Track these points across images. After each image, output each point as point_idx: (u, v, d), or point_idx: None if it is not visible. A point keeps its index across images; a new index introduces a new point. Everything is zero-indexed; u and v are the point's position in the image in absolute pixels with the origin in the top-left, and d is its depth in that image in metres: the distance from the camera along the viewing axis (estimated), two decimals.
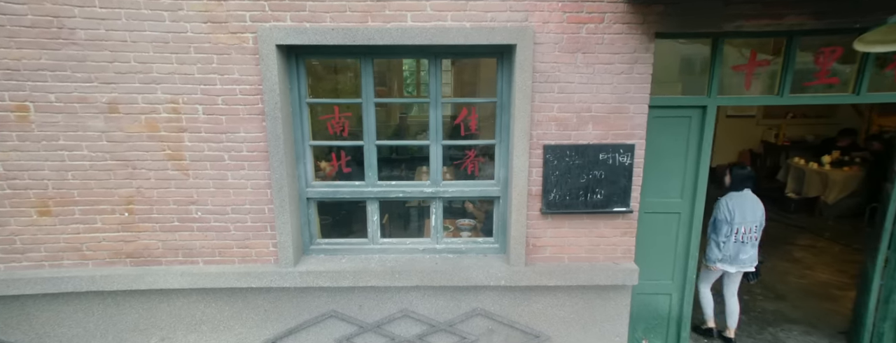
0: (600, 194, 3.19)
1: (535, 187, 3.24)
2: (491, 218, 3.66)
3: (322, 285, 3.31)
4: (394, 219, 4.94)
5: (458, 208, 4.50)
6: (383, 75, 7.90)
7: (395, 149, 5.81)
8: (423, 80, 7.87)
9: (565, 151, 3.13)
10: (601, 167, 3.15)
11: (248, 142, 3.12)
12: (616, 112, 3.08)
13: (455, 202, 4.86)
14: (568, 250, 3.34)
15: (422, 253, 3.52)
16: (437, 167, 3.38)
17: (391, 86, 7.91)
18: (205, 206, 3.21)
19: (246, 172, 3.17)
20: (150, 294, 3.31)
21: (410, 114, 6.86)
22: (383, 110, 7.32)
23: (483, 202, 4.42)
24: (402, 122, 6.79)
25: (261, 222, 3.28)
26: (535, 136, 3.14)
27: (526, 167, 3.14)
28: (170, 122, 3.04)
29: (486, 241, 3.57)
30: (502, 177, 3.38)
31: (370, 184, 3.41)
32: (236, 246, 3.31)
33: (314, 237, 3.52)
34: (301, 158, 3.32)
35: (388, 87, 7.89)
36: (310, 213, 3.46)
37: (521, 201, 3.20)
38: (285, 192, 3.18)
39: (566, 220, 3.29)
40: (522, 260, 3.30)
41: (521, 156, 3.12)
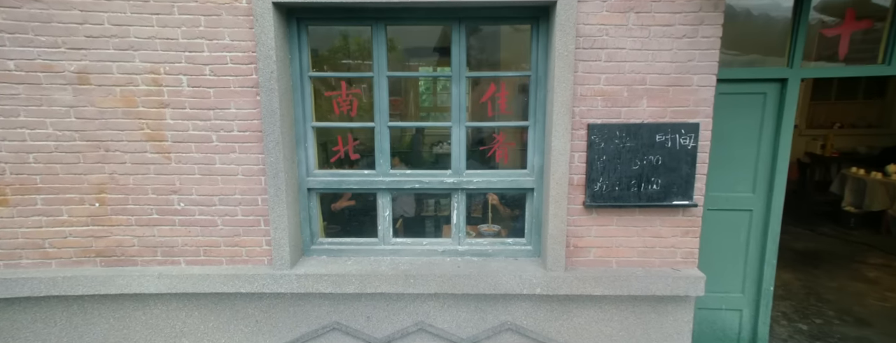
0: (657, 184, 2.62)
1: (578, 176, 2.68)
2: (521, 220, 3.10)
3: (323, 291, 2.76)
4: (407, 219, 4.41)
5: (477, 217, 3.94)
6: (397, 85, 7.48)
7: (408, 148, 5.32)
8: (442, 85, 7.42)
9: (614, 132, 2.59)
10: (658, 151, 2.59)
11: (240, 119, 2.63)
12: (676, 84, 2.53)
13: (476, 204, 4.33)
14: (616, 252, 2.76)
15: (441, 255, 2.97)
16: (459, 153, 2.86)
17: (407, 96, 7.47)
18: (188, 196, 2.72)
19: (237, 156, 2.68)
20: (123, 300, 2.79)
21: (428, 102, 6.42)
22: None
23: (507, 206, 3.87)
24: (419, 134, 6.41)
25: (253, 216, 2.76)
26: (577, 113, 2.60)
27: (566, 151, 2.60)
28: (149, 95, 2.58)
29: (516, 242, 3.00)
30: (537, 165, 2.83)
31: (382, 173, 2.89)
32: (224, 243, 2.79)
33: (316, 235, 3.00)
34: (302, 142, 2.82)
35: (403, 96, 7.45)
36: (311, 207, 2.94)
37: (560, 192, 2.65)
38: (281, 180, 2.67)
39: (614, 216, 2.71)
40: (561, 263, 2.73)
41: (561, 137, 2.58)
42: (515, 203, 3.62)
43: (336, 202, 5.22)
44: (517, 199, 3.51)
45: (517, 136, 3.08)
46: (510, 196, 3.73)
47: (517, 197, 3.51)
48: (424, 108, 7.62)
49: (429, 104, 7.67)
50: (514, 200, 3.65)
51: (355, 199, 4.80)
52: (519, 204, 3.44)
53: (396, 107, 7.28)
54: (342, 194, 5.26)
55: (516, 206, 3.60)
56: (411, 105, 7.44)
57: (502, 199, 3.77)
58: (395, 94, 7.37)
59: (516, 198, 3.60)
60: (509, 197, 3.74)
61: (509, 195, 3.83)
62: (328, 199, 4.80)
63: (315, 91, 2.88)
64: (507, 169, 2.94)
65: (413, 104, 7.48)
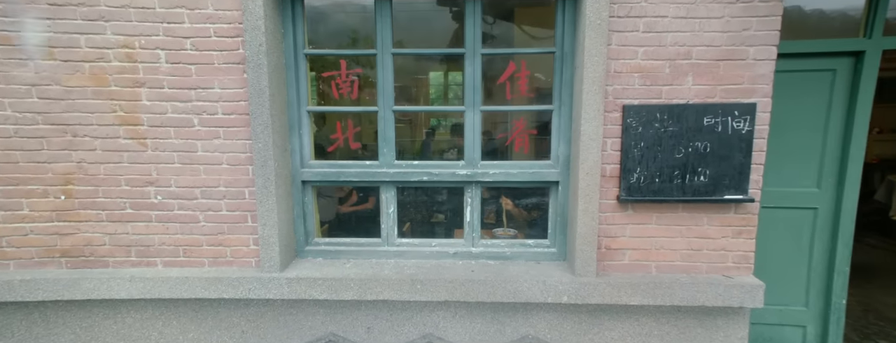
0: (704, 175, 2.22)
1: (611, 166, 2.29)
2: (539, 223, 2.71)
3: (318, 297, 2.38)
4: (414, 217, 4.03)
5: (490, 223, 3.54)
6: (407, 91, 7.15)
7: (417, 155, 4.96)
8: (452, 81, 7.06)
9: (654, 114, 2.20)
10: (706, 136, 2.19)
11: (225, 101, 2.29)
12: (728, 58, 2.15)
13: (488, 210, 3.91)
14: (656, 256, 2.35)
15: (452, 258, 2.58)
16: (473, 141, 2.48)
17: (417, 98, 7.13)
18: (166, 188, 2.37)
19: (221, 142, 2.33)
20: (92, 307, 2.43)
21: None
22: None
23: (524, 208, 3.47)
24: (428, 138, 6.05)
25: (239, 211, 2.40)
26: (611, 93, 2.23)
27: (598, 136, 2.21)
28: (122, 72, 2.25)
29: (538, 244, 2.60)
30: (562, 154, 2.45)
31: (385, 163, 2.52)
32: (207, 242, 2.43)
33: (311, 235, 2.63)
34: (296, 128, 2.47)
35: (414, 99, 7.12)
36: (306, 202, 2.57)
37: (590, 185, 2.26)
38: (271, 170, 2.31)
39: (653, 213, 2.31)
40: (592, 268, 2.33)
41: (592, 120, 2.20)
42: (535, 206, 3.23)
43: (344, 204, 4.84)
44: (536, 202, 3.12)
45: (540, 122, 2.71)
46: (528, 200, 3.35)
47: (536, 198, 3.12)
48: (434, 113, 7.27)
49: (440, 104, 7.33)
50: (534, 205, 3.26)
51: (367, 199, 4.42)
52: (538, 206, 3.06)
53: (405, 112, 6.95)
54: (350, 195, 4.90)
55: (535, 208, 3.22)
56: (422, 114, 7.10)
57: (519, 201, 3.38)
58: (403, 96, 7.07)
59: (535, 200, 3.22)
60: (527, 200, 3.37)
61: (527, 198, 3.45)
62: (333, 197, 4.45)
63: (313, 75, 2.54)
64: (527, 160, 2.56)
65: (423, 114, 7.14)
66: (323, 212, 4.02)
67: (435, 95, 7.40)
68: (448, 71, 6.94)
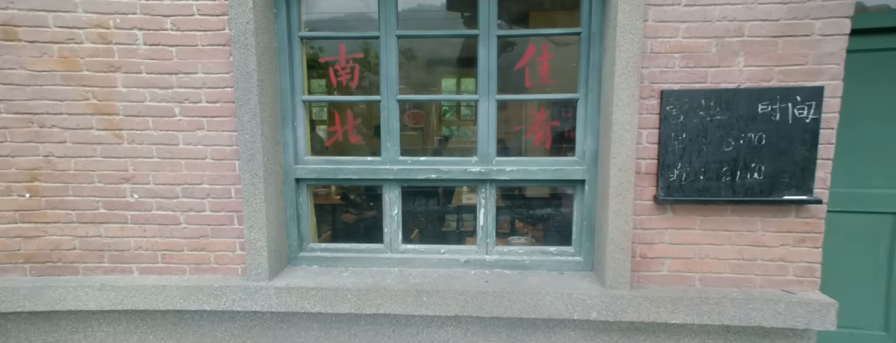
0: (758, 172, 1.87)
1: (647, 161, 1.96)
2: (561, 227, 2.37)
3: (311, 310, 2.06)
4: (422, 224, 3.70)
5: (504, 232, 3.19)
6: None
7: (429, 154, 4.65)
8: (465, 89, 6.77)
9: (698, 101, 1.86)
10: (760, 126, 1.84)
11: (209, 87, 2.01)
12: (788, 34, 1.81)
13: (502, 220, 3.55)
14: (700, 266, 1.99)
15: (463, 266, 2.25)
16: (488, 135, 2.16)
17: (428, 111, 6.85)
18: (144, 186, 2.08)
19: (205, 134, 2.04)
20: (58, 319, 2.14)
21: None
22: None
23: (531, 222, 3.12)
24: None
25: (224, 211, 2.11)
26: (647, 76, 1.90)
27: (632, 127, 1.88)
28: (95, 55, 1.98)
29: (561, 252, 2.26)
30: (589, 149, 2.11)
31: (389, 159, 2.21)
32: (188, 246, 2.14)
33: (306, 239, 2.32)
34: (289, 119, 2.18)
35: (425, 111, 6.83)
36: (300, 202, 2.27)
37: (623, 183, 1.92)
38: (259, 165, 2.02)
39: (697, 216, 1.96)
40: (625, 279, 1.98)
41: (625, 108, 1.87)
42: (551, 219, 2.88)
43: (349, 213, 4.54)
44: (558, 203, 2.78)
45: (563, 113, 2.39)
46: (544, 210, 3.00)
47: (558, 199, 2.78)
48: (448, 120, 6.96)
49: (452, 115, 7.02)
50: (551, 217, 2.90)
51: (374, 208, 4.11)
52: (557, 218, 2.71)
53: (417, 120, 6.67)
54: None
55: (556, 210, 2.88)
56: (433, 120, 6.80)
57: (534, 210, 3.04)
58: (415, 106, 6.79)
59: (557, 201, 2.88)
60: (542, 209, 3.02)
61: (542, 206, 3.11)
62: (332, 203, 4.15)
63: (310, 63, 2.25)
64: (548, 156, 2.23)
65: (436, 118, 6.84)
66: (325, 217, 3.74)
67: (447, 107, 7.12)
68: (460, 78, 6.67)
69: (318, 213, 4.42)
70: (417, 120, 6.80)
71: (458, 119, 7.02)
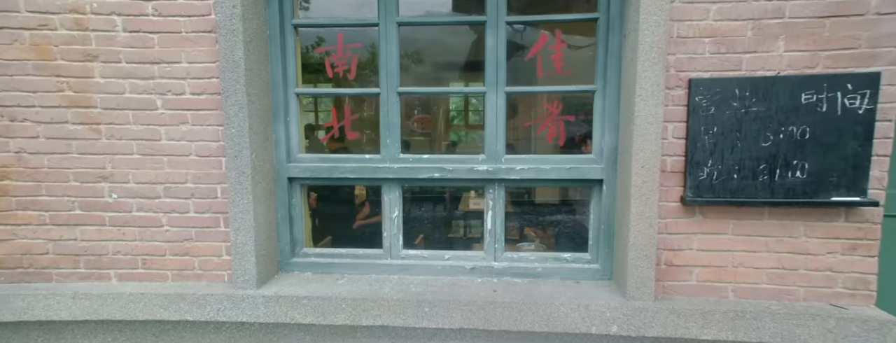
0: (801, 170, 1.64)
1: (673, 157, 1.73)
2: (579, 229, 2.15)
3: (302, 321, 1.85)
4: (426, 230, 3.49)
5: (513, 239, 2.95)
6: (425, 102, 6.69)
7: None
8: (474, 108, 6.56)
9: (731, 90, 1.64)
10: (804, 118, 1.62)
11: (194, 77, 1.82)
12: (838, 13, 1.59)
13: (512, 227, 3.32)
14: (733, 275, 1.76)
15: (469, 274, 2.03)
16: (496, 130, 1.95)
17: (436, 114, 6.64)
18: (123, 185, 1.89)
19: (189, 129, 1.85)
20: (29, 330, 1.94)
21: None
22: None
23: (542, 228, 2.88)
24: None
25: (210, 212, 1.91)
26: (673, 64, 1.68)
27: (657, 120, 1.66)
28: (70, 43, 1.80)
29: (576, 258, 2.03)
30: (607, 146, 1.90)
31: (389, 157, 2.00)
32: (170, 251, 1.94)
33: (299, 243, 2.11)
34: (281, 114, 1.98)
35: (433, 116, 6.63)
36: (293, 204, 2.07)
37: (646, 182, 1.70)
38: (246, 162, 1.82)
39: (730, 219, 1.73)
40: (648, 289, 1.75)
41: (649, 99, 1.66)
42: (565, 222, 2.65)
43: (358, 214, 4.31)
44: (573, 204, 2.56)
45: (579, 107, 2.18)
46: (557, 212, 2.77)
47: (569, 202, 2.56)
48: (456, 125, 6.76)
49: (459, 121, 6.81)
50: (565, 220, 2.67)
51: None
52: (571, 222, 2.49)
53: (424, 125, 6.47)
54: (363, 206, 4.37)
55: (564, 223, 2.64)
56: (440, 126, 6.60)
57: (546, 213, 2.81)
58: (423, 111, 6.59)
59: (568, 209, 2.65)
60: (555, 212, 2.79)
61: (554, 208, 2.88)
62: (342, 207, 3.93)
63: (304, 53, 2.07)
64: (562, 154, 2.01)
65: (443, 122, 6.64)
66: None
67: (455, 112, 6.91)
68: (468, 82, 6.49)
69: (320, 216, 4.24)
70: (425, 125, 6.59)
71: (465, 125, 6.82)
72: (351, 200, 3.68)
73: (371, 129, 3.65)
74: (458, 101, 6.93)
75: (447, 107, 7.05)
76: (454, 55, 4.77)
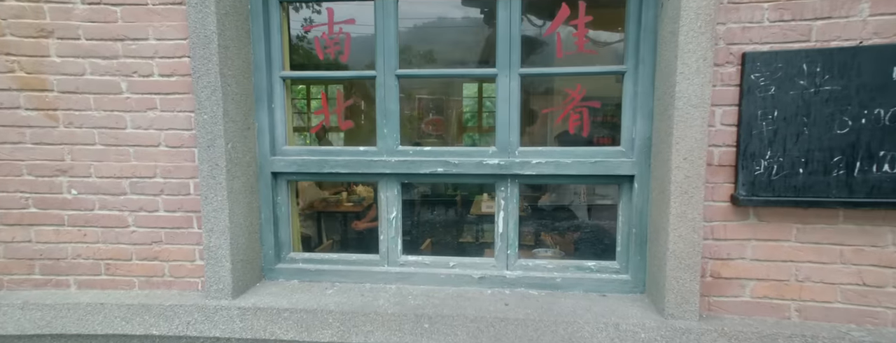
0: (891, 164, 1.29)
1: (722, 148, 1.40)
2: (603, 234, 1.81)
3: (283, 337, 1.55)
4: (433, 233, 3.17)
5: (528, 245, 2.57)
6: (439, 103, 6.38)
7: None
8: (488, 93, 6.23)
9: (797, 65, 1.30)
10: (895, 99, 1.27)
11: (163, 56, 1.54)
12: None
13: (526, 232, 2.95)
14: (799, 291, 1.41)
15: (477, 284, 1.71)
16: (509, 119, 1.63)
17: (449, 115, 6.34)
18: (84, 179, 1.62)
19: (158, 115, 1.57)
20: None
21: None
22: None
23: (560, 232, 2.53)
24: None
25: (181, 211, 1.62)
26: (723, 35, 1.35)
27: (703, 102, 1.33)
28: (21, 16, 1.53)
29: (601, 267, 1.70)
30: (640, 136, 1.56)
31: (386, 149, 1.70)
32: (137, 254, 1.65)
33: (285, 247, 1.81)
34: (265, 99, 1.69)
35: (447, 116, 6.33)
36: (278, 202, 1.77)
37: (689, 177, 1.36)
38: (220, 152, 1.53)
39: (793, 223, 1.39)
40: (691, 306, 1.41)
41: (694, 77, 1.33)
42: (588, 226, 2.30)
43: (361, 219, 4.02)
44: (594, 212, 2.21)
45: (604, 92, 1.84)
46: (578, 214, 2.42)
47: (593, 202, 2.21)
48: (469, 127, 6.43)
49: (473, 123, 6.49)
50: (589, 223, 2.32)
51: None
52: (596, 225, 2.15)
53: (437, 127, 6.16)
54: (369, 209, 4.07)
55: (587, 227, 2.30)
56: (454, 126, 6.29)
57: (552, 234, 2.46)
58: (436, 113, 6.29)
59: (592, 210, 2.31)
60: (577, 214, 2.44)
61: (576, 209, 2.54)
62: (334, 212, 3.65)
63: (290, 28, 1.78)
64: (583, 147, 1.68)
65: (456, 124, 6.33)
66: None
67: (469, 114, 6.58)
68: (482, 83, 6.17)
69: (326, 219, 3.95)
70: (437, 127, 6.27)
71: (478, 127, 6.49)
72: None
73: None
74: (472, 102, 6.62)
75: (460, 109, 6.73)
76: (462, 45, 4.45)
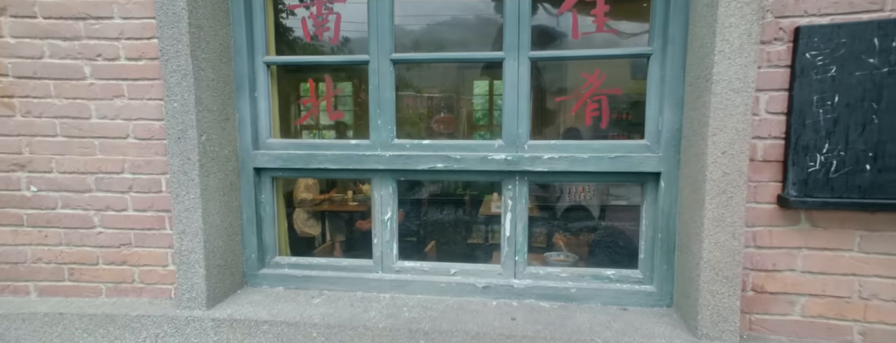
0: None
1: (768, 140, 1.16)
2: (624, 239, 1.58)
3: None
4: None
5: (540, 247, 2.32)
6: (449, 100, 6.13)
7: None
8: (498, 89, 5.97)
9: (865, 40, 1.07)
10: None
11: (130, 37, 1.34)
12: None
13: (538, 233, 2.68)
14: (863, 311, 1.17)
15: (481, 295, 1.48)
16: (516, 108, 1.41)
17: (459, 112, 6.06)
18: (45, 175, 1.42)
19: (125, 104, 1.37)
20: None
21: None
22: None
23: (574, 235, 2.28)
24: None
25: (153, 210, 1.42)
26: (770, 7, 1.12)
27: (747, 86, 1.10)
28: None
29: (622, 277, 1.46)
30: (667, 127, 1.33)
31: (380, 142, 1.48)
32: (104, 259, 1.45)
33: (270, 251, 1.60)
34: (247, 87, 1.49)
35: (457, 113, 6.05)
36: (262, 201, 1.56)
37: (728, 175, 1.13)
38: (192, 145, 1.32)
39: (856, 229, 1.15)
40: (731, 325, 1.17)
41: (736, 55, 1.09)
42: (606, 229, 2.05)
43: (366, 218, 3.77)
44: (613, 214, 1.98)
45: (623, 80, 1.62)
46: (595, 216, 2.18)
47: (612, 203, 1.98)
48: (480, 125, 6.16)
49: (484, 120, 6.22)
50: (607, 226, 2.07)
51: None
52: (615, 228, 1.91)
53: (446, 125, 5.90)
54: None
55: (605, 230, 2.05)
56: (464, 127, 6.02)
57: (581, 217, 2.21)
58: (447, 111, 6.04)
59: (611, 212, 2.06)
60: (593, 216, 2.19)
61: (592, 211, 2.30)
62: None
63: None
64: (603, 140, 1.45)
65: (467, 123, 6.06)
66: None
67: (481, 112, 6.32)
68: (493, 79, 5.91)
69: (331, 218, 3.74)
70: (447, 125, 6.02)
71: (490, 125, 6.23)
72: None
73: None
74: (483, 101, 6.36)
75: (471, 108, 6.47)
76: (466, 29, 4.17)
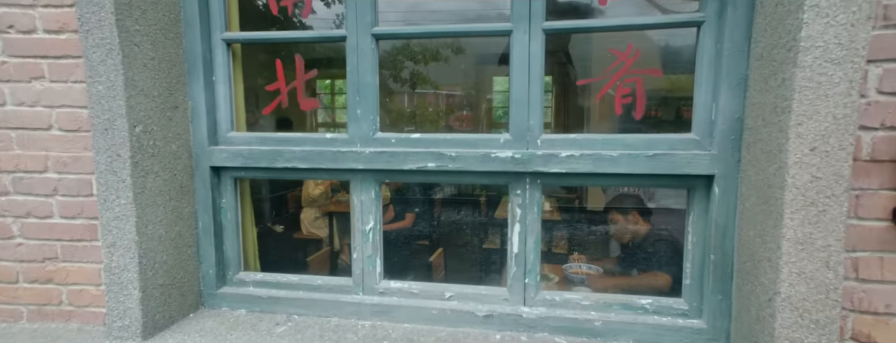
0: None
1: (880, 132, 0.80)
2: (665, 253, 1.23)
3: None
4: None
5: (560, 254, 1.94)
6: (468, 98, 5.78)
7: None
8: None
9: None
10: None
11: (46, 4, 1.04)
12: None
13: (557, 236, 2.28)
14: None
15: (483, 324, 1.14)
16: (526, 94, 1.07)
17: (478, 113, 5.70)
18: None
19: (47, 87, 1.07)
20: None
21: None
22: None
23: (606, 251, 1.88)
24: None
25: (83, 218, 1.11)
26: None
27: (851, 55, 0.74)
28: None
29: (661, 308, 1.10)
30: (722, 116, 0.97)
31: (359, 136, 1.15)
32: (25, 276, 1.15)
33: (232, 266, 1.28)
34: (200, 70, 1.17)
35: (477, 110, 5.69)
36: (222, 205, 1.24)
37: (819, 180, 0.77)
38: (123, 139, 1.01)
39: None
40: None
41: (838, 12, 0.74)
42: (641, 248, 1.67)
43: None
44: (649, 228, 1.61)
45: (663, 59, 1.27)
46: (625, 230, 1.80)
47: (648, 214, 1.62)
48: (500, 123, 5.78)
49: (505, 118, 5.84)
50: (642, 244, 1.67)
51: (403, 215, 2.98)
52: (651, 246, 1.53)
53: (465, 123, 5.55)
54: (387, 206, 3.45)
55: (639, 249, 1.67)
56: (484, 123, 5.66)
57: (605, 231, 1.84)
58: (468, 108, 5.68)
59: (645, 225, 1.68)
60: (623, 230, 1.81)
61: (620, 224, 1.92)
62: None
63: None
64: (637, 133, 1.10)
65: (486, 120, 5.70)
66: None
67: (502, 111, 5.94)
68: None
69: (339, 219, 3.38)
70: (466, 123, 5.68)
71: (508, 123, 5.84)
72: None
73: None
74: (502, 98, 5.97)
75: (490, 106, 6.10)
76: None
